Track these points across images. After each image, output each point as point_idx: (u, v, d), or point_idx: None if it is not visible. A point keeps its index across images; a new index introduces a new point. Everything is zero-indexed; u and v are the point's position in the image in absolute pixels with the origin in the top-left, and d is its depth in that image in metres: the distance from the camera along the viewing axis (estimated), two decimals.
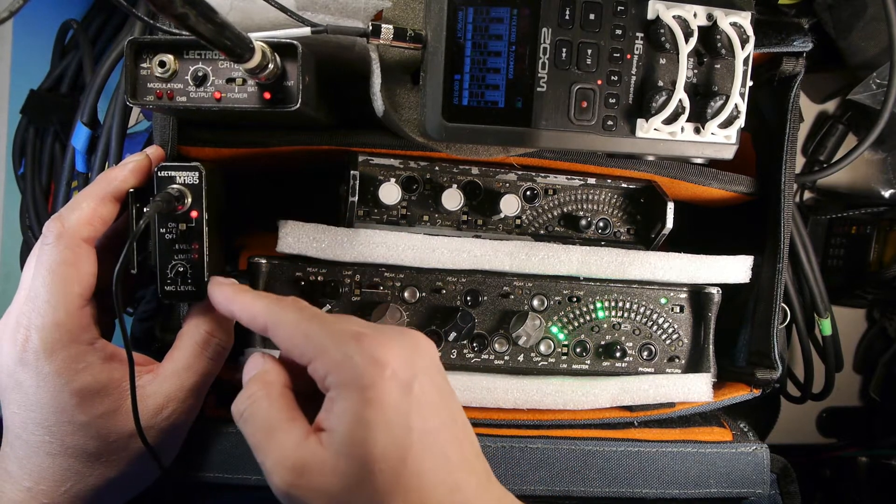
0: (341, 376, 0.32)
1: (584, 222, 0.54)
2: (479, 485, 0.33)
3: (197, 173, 0.41)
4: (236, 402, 0.36)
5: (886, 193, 0.71)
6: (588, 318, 0.54)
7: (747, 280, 0.54)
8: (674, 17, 0.44)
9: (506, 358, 0.53)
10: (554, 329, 0.53)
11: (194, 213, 0.41)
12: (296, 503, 0.32)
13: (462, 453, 0.33)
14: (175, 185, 0.41)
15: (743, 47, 0.45)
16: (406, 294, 0.51)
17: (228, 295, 0.39)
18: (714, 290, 0.54)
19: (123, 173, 0.42)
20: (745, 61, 0.45)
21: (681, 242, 0.56)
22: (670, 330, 0.55)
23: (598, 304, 0.54)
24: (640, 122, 0.45)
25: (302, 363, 0.34)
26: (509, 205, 0.51)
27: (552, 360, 0.53)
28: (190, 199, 0.41)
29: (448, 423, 0.33)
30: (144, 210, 0.41)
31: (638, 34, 0.44)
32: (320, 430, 0.33)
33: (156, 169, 0.41)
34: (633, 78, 0.45)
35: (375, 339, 0.33)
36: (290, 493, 0.32)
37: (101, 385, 0.39)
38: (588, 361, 0.54)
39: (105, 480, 0.40)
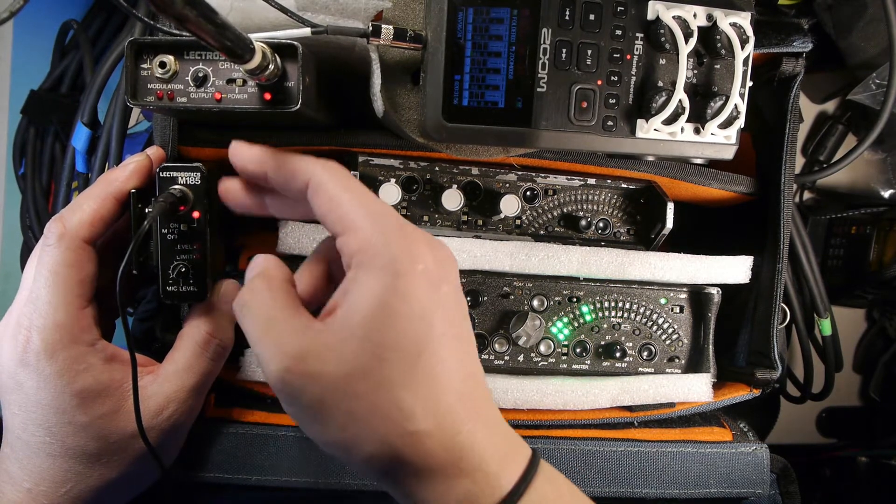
0: (374, 257, 0.31)
1: (584, 222, 0.54)
2: (484, 401, 0.33)
3: (199, 174, 0.41)
4: (238, 296, 0.34)
5: (886, 193, 0.71)
6: (588, 318, 0.54)
7: (747, 280, 0.54)
8: (674, 17, 0.44)
9: (506, 358, 0.53)
10: (554, 329, 0.53)
11: (196, 214, 0.41)
12: (290, 393, 0.31)
13: (474, 369, 0.33)
14: (177, 186, 0.41)
15: (743, 48, 0.45)
16: None
17: (258, 153, 0.36)
18: (714, 291, 0.54)
19: (125, 174, 0.42)
20: (745, 61, 0.45)
21: (681, 242, 0.56)
22: (670, 330, 0.55)
23: (598, 305, 0.54)
24: (640, 122, 0.45)
25: (334, 232, 0.33)
26: (509, 205, 0.51)
27: (552, 360, 0.53)
28: (192, 200, 0.41)
29: (464, 338, 0.33)
30: (146, 210, 0.41)
31: (638, 34, 0.44)
32: (330, 313, 0.31)
33: (157, 169, 0.41)
34: (633, 78, 0.45)
35: (415, 233, 0.32)
36: (285, 379, 0.30)
37: (101, 386, 0.39)
38: (588, 362, 0.54)
39: (105, 481, 0.40)
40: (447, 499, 0.31)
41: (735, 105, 0.45)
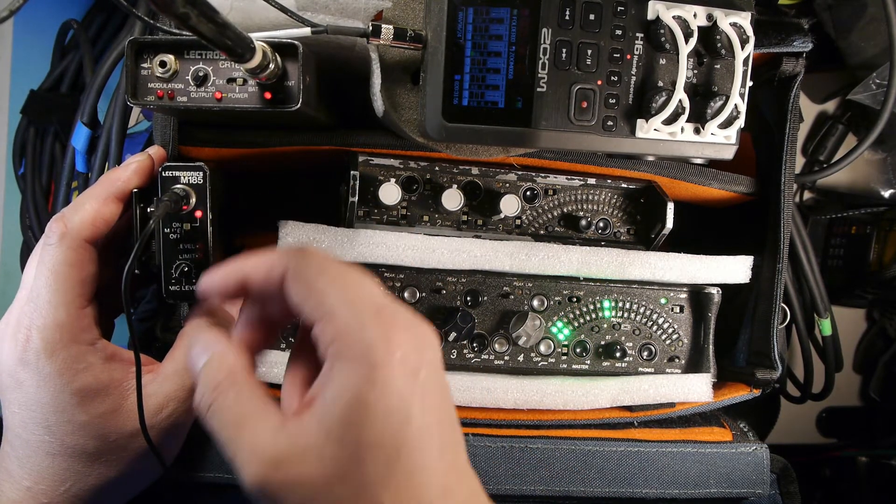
0: (349, 347, 0.30)
1: (584, 222, 0.54)
2: (471, 493, 0.32)
3: (201, 173, 0.41)
4: (198, 395, 0.32)
5: (886, 193, 0.71)
6: (588, 318, 0.54)
7: (747, 280, 0.54)
8: (674, 17, 0.44)
9: (506, 358, 0.53)
10: (554, 329, 0.53)
11: (199, 213, 0.41)
12: (270, 499, 0.29)
13: (456, 457, 0.32)
14: (180, 185, 0.41)
15: (743, 47, 0.45)
16: (406, 294, 0.51)
17: (229, 269, 0.34)
18: (714, 291, 0.54)
19: (126, 174, 0.42)
20: (745, 61, 0.45)
21: (681, 242, 0.56)
22: (670, 330, 0.55)
23: (598, 305, 0.54)
24: (640, 122, 0.45)
25: (311, 319, 0.31)
26: (509, 205, 0.51)
27: (552, 360, 0.53)
28: (194, 199, 0.41)
29: (445, 423, 0.32)
30: (149, 210, 0.41)
31: (638, 34, 0.44)
32: (307, 407, 0.30)
33: (160, 169, 0.41)
34: (633, 78, 0.45)
35: (393, 317, 0.31)
36: (264, 489, 0.29)
37: (101, 385, 0.39)
38: (588, 361, 0.54)
39: (105, 480, 0.40)
40: None
41: (735, 105, 0.45)
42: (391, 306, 0.32)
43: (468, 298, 0.52)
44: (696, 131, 0.46)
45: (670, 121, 0.45)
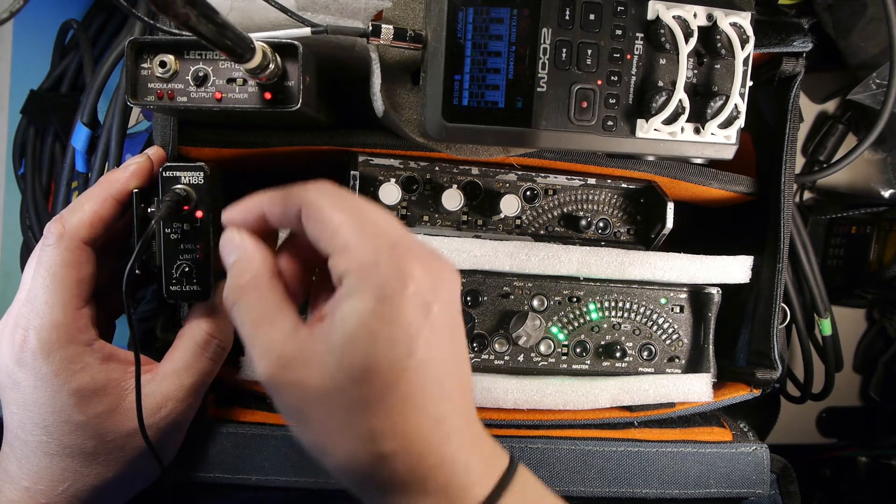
0: (362, 280, 0.30)
1: (584, 222, 0.54)
2: (464, 423, 0.32)
3: (201, 173, 0.41)
4: (226, 290, 0.34)
5: (886, 193, 0.71)
6: (588, 318, 0.54)
7: (747, 280, 0.54)
8: (674, 17, 0.44)
9: (506, 358, 0.53)
10: (554, 329, 0.53)
11: (199, 213, 0.41)
12: (274, 392, 0.32)
13: (458, 395, 0.32)
14: (180, 186, 0.41)
15: (743, 47, 0.45)
16: None
17: (250, 201, 0.35)
18: (714, 291, 0.54)
19: (125, 175, 0.42)
20: (745, 61, 0.45)
21: (681, 242, 0.56)
22: (670, 330, 0.55)
23: (599, 305, 0.54)
24: (640, 122, 0.45)
25: (326, 253, 0.32)
26: (509, 205, 0.51)
27: (552, 360, 0.53)
28: (195, 199, 0.41)
29: (449, 360, 0.32)
30: (149, 210, 0.41)
31: (638, 34, 0.44)
32: (319, 320, 0.31)
33: (160, 169, 0.41)
34: (633, 78, 0.45)
35: (409, 251, 0.31)
36: (271, 385, 0.32)
37: (98, 385, 0.39)
38: (588, 361, 0.54)
39: (103, 480, 0.40)
40: None
41: (735, 105, 0.45)
42: (407, 241, 0.32)
43: (468, 298, 0.52)
44: (696, 131, 0.46)
45: (670, 121, 0.45)
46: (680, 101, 0.44)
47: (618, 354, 0.53)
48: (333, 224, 0.32)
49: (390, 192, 0.49)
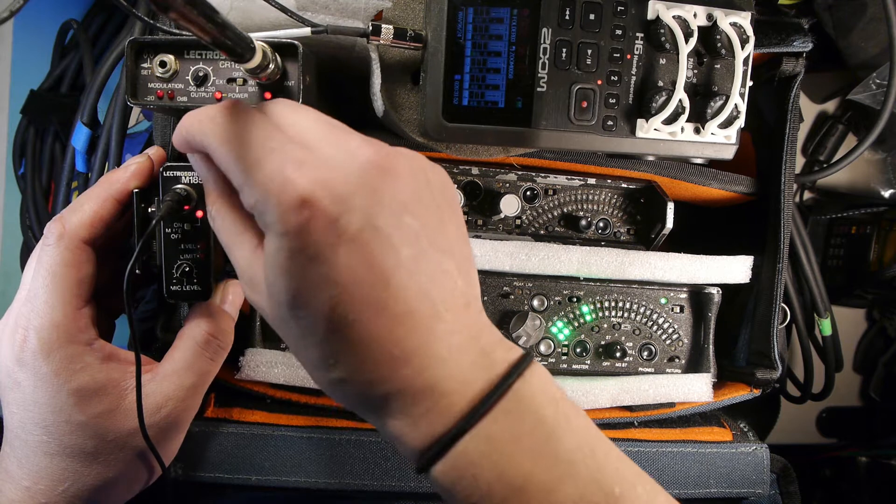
0: (262, 215, 0.29)
1: (584, 222, 0.54)
2: (432, 331, 0.30)
3: None
4: (209, 207, 0.35)
5: (886, 193, 0.71)
6: (588, 318, 0.54)
7: (747, 280, 0.54)
8: (674, 17, 0.44)
9: None
10: (554, 329, 0.53)
11: (200, 213, 0.41)
12: (248, 299, 0.34)
13: (413, 297, 0.29)
14: (181, 185, 0.41)
15: (743, 47, 0.45)
16: None
17: (180, 127, 0.34)
18: (714, 291, 0.54)
19: (125, 175, 0.42)
20: (745, 61, 0.45)
21: (681, 242, 0.56)
22: (670, 330, 0.55)
23: (593, 306, 0.54)
24: (640, 122, 0.45)
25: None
26: (509, 205, 0.51)
27: (552, 360, 0.53)
28: (196, 199, 0.41)
29: (395, 267, 0.29)
30: (150, 210, 0.41)
31: (638, 34, 0.44)
32: (262, 248, 0.31)
33: (161, 169, 0.41)
34: (633, 78, 0.45)
35: (317, 164, 0.28)
36: (250, 301, 0.34)
37: (99, 385, 0.39)
38: (588, 361, 0.54)
39: (103, 480, 0.40)
40: (404, 427, 0.31)
41: (735, 105, 0.45)
42: (329, 142, 0.30)
43: None
44: (696, 131, 0.46)
45: (670, 120, 0.45)
46: (680, 100, 0.44)
47: (618, 354, 0.53)
48: (223, 167, 0.32)
49: None
